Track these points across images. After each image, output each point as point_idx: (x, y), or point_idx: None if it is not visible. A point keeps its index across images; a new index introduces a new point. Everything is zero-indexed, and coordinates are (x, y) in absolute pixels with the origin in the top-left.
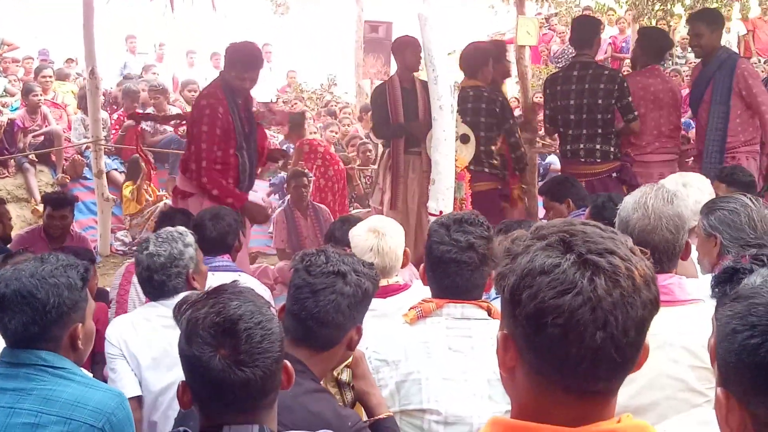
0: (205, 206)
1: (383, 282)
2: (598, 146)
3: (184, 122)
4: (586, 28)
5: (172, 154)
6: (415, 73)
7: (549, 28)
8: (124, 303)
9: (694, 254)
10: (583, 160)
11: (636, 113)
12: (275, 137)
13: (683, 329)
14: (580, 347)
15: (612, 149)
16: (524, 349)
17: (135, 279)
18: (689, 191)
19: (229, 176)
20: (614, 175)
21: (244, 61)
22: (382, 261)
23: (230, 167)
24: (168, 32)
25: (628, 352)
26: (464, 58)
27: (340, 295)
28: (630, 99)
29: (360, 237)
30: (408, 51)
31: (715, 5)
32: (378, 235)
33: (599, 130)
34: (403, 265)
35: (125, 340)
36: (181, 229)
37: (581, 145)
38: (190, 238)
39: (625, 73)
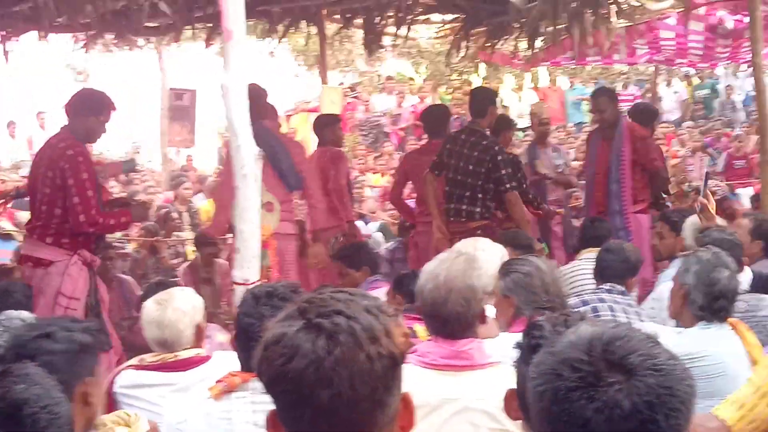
0: (71, 271)
1: (171, 356)
2: (464, 206)
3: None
4: (480, 99)
5: None
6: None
7: (354, 97)
8: None
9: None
10: (452, 219)
11: (508, 185)
12: None
13: (482, 393)
14: (312, 408)
15: (478, 210)
16: (282, 421)
17: None
18: (487, 255)
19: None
20: (479, 232)
21: (105, 103)
22: (163, 333)
23: None
24: None
25: (364, 407)
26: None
27: (51, 354)
28: (504, 172)
29: (146, 308)
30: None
31: (508, 74)
32: (161, 307)
33: (467, 193)
34: (199, 340)
35: None
36: (25, 314)
37: (452, 205)
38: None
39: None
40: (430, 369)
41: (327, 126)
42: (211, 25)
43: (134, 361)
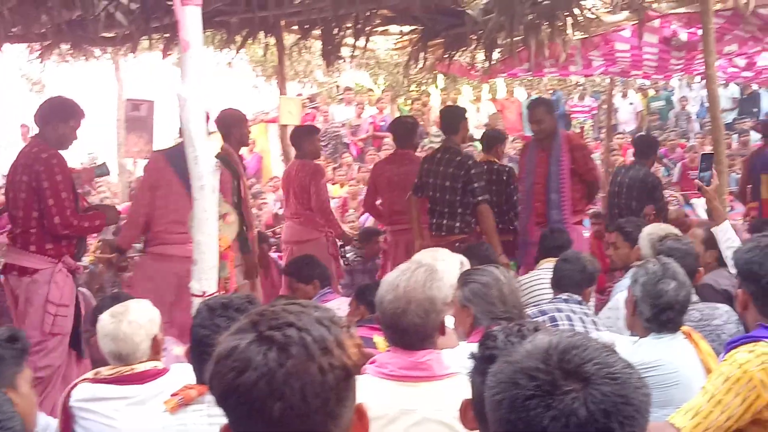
0: (57, 278)
1: (127, 369)
2: (444, 221)
3: None
4: (450, 116)
5: None
6: None
7: (313, 108)
8: None
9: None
10: (434, 233)
11: (480, 198)
12: None
13: (440, 404)
14: (264, 421)
15: (457, 224)
16: None
17: None
18: (446, 265)
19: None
20: (457, 244)
21: (75, 109)
22: (118, 346)
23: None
24: None
25: (316, 419)
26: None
27: None
28: (476, 185)
29: (101, 321)
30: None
31: (466, 85)
32: (116, 320)
33: (446, 208)
34: (156, 353)
35: None
36: None
37: (434, 220)
38: None
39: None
40: (389, 380)
41: (306, 137)
42: (168, 35)
43: (90, 374)
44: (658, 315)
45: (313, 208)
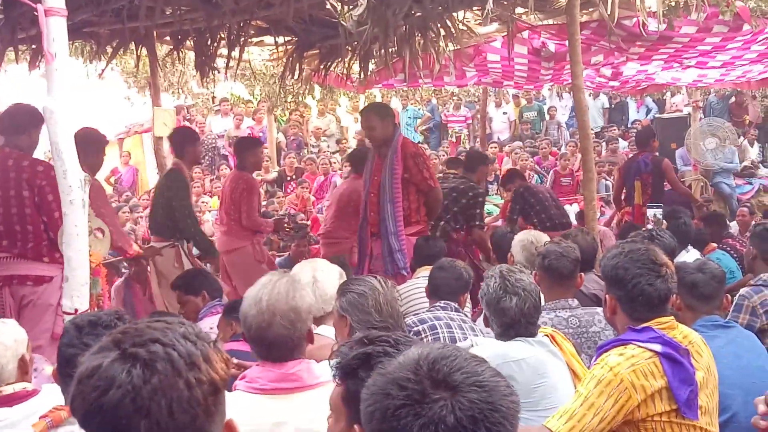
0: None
1: None
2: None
3: None
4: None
5: None
6: None
7: (187, 119)
8: None
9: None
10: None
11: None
12: None
13: (312, 414)
14: None
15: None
16: None
17: None
18: (325, 276)
19: None
20: None
21: (39, 115)
22: None
23: None
24: None
25: None
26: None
27: None
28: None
29: None
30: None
31: (343, 96)
32: None
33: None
34: (24, 374)
35: None
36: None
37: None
38: None
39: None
40: (259, 394)
41: (248, 150)
42: (34, 46)
43: None
44: (508, 331)
45: (243, 222)
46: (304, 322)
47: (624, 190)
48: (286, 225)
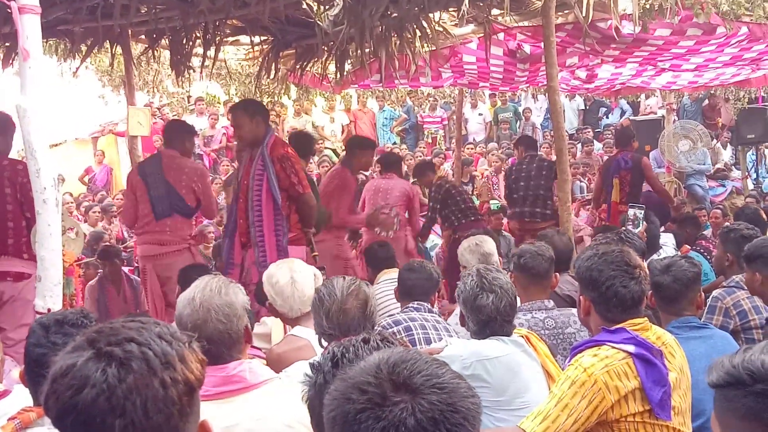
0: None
1: None
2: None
3: None
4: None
5: None
6: None
7: (161, 118)
8: None
9: None
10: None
11: None
12: None
13: (260, 413)
14: None
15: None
16: None
17: None
18: (301, 276)
19: None
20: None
21: (11, 125)
22: None
23: None
24: None
25: None
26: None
27: None
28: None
29: None
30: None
31: (319, 97)
32: None
33: None
34: None
35: None
36: None
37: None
38: None
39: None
40: (204, 401)
41: (362, 149)
42: (8, 44)
43: None
44: (484, 329)
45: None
46: (240, 318)
47: (603, 189)
48: None
